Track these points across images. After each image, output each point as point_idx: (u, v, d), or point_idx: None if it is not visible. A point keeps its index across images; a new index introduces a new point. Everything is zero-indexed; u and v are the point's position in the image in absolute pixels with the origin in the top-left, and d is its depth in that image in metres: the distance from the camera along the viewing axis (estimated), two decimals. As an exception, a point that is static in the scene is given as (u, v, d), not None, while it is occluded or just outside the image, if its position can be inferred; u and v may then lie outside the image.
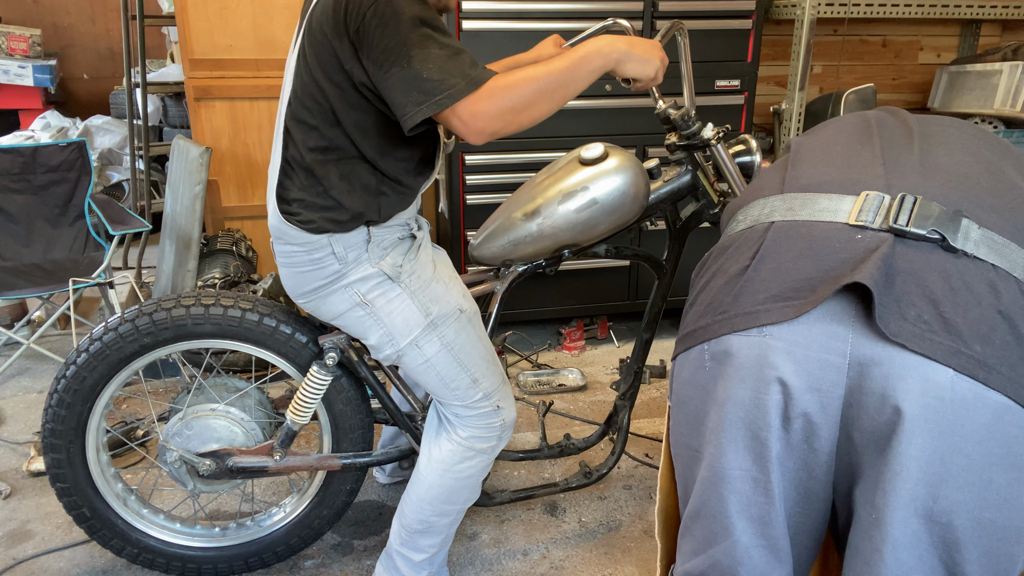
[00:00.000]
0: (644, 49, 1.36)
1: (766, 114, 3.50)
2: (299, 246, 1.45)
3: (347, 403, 1.73)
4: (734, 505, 0.93)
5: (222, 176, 3.32)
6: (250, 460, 1.72)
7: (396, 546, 1.68)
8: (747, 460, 0.92)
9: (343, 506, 1.85)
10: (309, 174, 1.41)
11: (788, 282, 0.88)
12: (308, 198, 1.41)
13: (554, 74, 1.29)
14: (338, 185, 1.41)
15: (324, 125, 1.37)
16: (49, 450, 1.66)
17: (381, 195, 1.44)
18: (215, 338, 1.65)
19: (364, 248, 1.46)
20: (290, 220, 1.43)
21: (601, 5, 2.75)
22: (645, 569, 1.92)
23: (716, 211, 1.79)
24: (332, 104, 1.35)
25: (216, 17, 3.10)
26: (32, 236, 3.00)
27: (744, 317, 0.89)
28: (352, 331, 1.55)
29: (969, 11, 3.17)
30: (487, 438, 1.59)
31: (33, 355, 2.97)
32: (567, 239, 1.70)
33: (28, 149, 2.92)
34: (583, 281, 3.10)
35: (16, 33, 4.43)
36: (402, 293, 1.49)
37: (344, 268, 1.46)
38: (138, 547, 1.78)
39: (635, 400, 1.98)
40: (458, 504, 1.64)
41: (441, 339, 1.52)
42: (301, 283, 1.50)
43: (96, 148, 4.37)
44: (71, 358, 1.62)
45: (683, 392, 0.99)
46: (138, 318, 1.61)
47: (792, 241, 0.90)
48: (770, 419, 0.89)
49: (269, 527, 1.84)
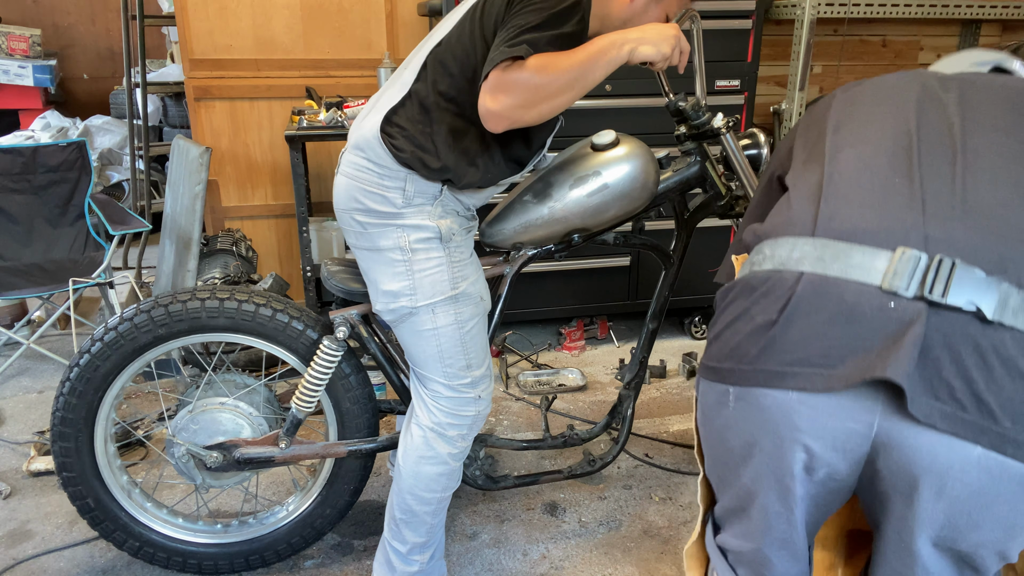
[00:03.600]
0: (655, 32, 1.39)
1: (766, 114, 3.50)
2: (377, 166, 1.47)
3: (350, 391, 1.75)
4: (770, 538, 1.01)
5: (222, 176, 3.32)
6: (256, 450, 1.74)
7: (387, 537, 1.70)
8: (772, 498, 0.96)
9: (346, 506, 1.86)
10: (425, 112, 1.44)
11: (817, 347, 0.86)
12: (412, 130, 1.44)
13: (574, 66, 1.31)
14: (444, 134, 1.44)
15: (462, 77, 1.41)
16: (58, 438, 1.67)
17: (474, 165, 1.47)
18: (228, 332, 1.67)
19: (432, 200, 1.49)
20: (386, 140, 1.45)
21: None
22: (645, 569, 1.92)
23: (723, 203, 1.80)
24: (478, 62, 1.40)
25: (216, 17, 3.10)
26: (32, 236, 3.00)
27: (770, 375, 0.89)
28: (376, 271, 1.54)
29: (969, 11, 3.17)
30: (458, 425, 1.60)
31: (33, 355, 2.97)
32: (577, 223, 1.72)
33: (28, 149, 2.92)
34: (583, 281, 3.10)
35: (16, 33, 4.43)
36: (442, 256, 1.51)
37: (405, 208, 1.48)
38: (140, 541, 1.79)
39: (640, 390, 1.98)
40: (436, 491, 1.64)
41: (457, 314, 1.54)
42: (357, 196, 1.50)
43: (96, 148, 4.37)
44: (85, 347, 1.64)
45: (709, 412, 1.02)
46: (154, 309, 1.63)
47: (822, 301, 0.86)
48: (795, 471, 0.92)
49: (271, 525, 1.85)
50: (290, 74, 3.23)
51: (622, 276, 3.13)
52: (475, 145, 1.46)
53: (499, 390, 2.82)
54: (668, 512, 2.14)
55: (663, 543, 2.02)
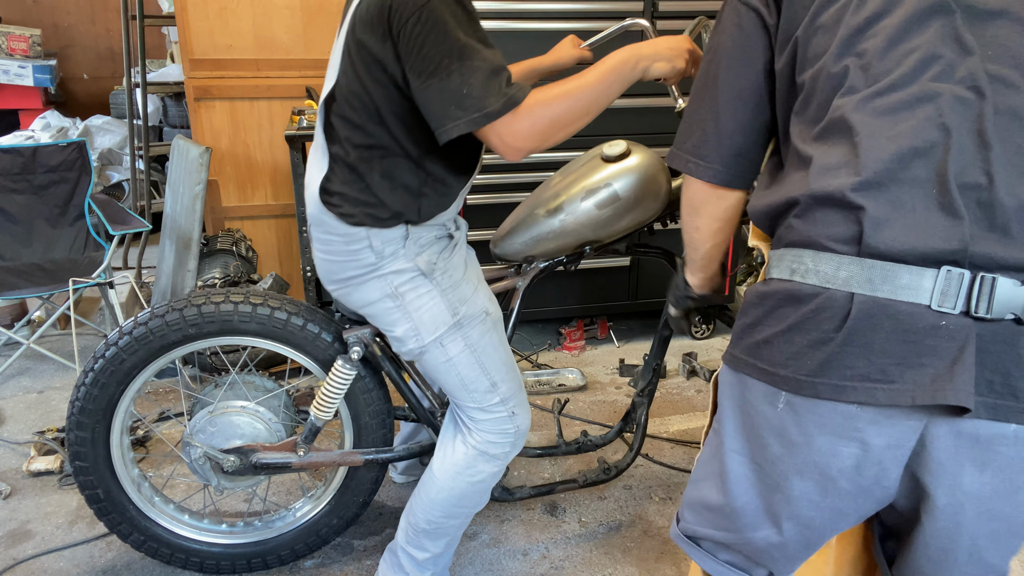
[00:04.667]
0: (668, 47, 1.38)
1: (766, 114, 3.50)
2: (338, 236, 1.46)
3: (369, 399, 1.75)
4: (786, 512, 1.06)
5: (222, 176, 3.32)
6: (274, 456, 1.74)
7: (402, 543, 1.69)
8: (811, 489, 1.03)
9: (353, 516, 1.86)
10: (352, 170, 1.41)
11: (877, 365, 0.93)
12: (350, 193, 1.42)
13: (588, 88, 1.30)
14: (380, 183, 1.41)
15: (369, 123, 1.37)
16: (75, 427, 1.68)
17: (422, 196, 1.45)
18: (257, 336, 1.67)
19: (401, 244, 1.47)
20: (331, 210, 1.43)
21: (602, 5, 2.75)
22: (645, 569, 1.92)
23: None
24: (377, 103, 1.35)
25: (216, 17, 3.10)
26: (32, 236, 3.00)
27: (832, 388, 0.95)
28: (379, 322, 1.55)
29: (969, 11, 3.17)
30: (501, 444, 1.59)
31: (33, 355, 2.97)
32: (589, 235, 1.72)
33: (28, 149, 2.92)
34: (583, 281, 3.10)
35: (16, 33, 4.43)
36: (432, 290, 1.50)
37: (380, 261, 1.47)
38: (145, 534, 1.79)
39: (653, 397, 1.98)
40: (467, 507, 1.64)
41: (465, 339, 1.52)
42: (336, 271, 1.51)
43: (96, 148, 4.37)
44: (113, 339, 1.64)
45: (745, 405, 1.07)
46: (186, 308, 1.63)
47: (878, 321, 0.92)
48: (844, 466, 0.99)
49: (278, 530, 1.85)
50: (290, 74, 3.23)
51: (622, 276, 3.13)
52: (414, 178, 1.43)
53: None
54: (668, 512, 2.14)
55: (663, 543, 2.02)
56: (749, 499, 1.10)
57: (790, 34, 1.07)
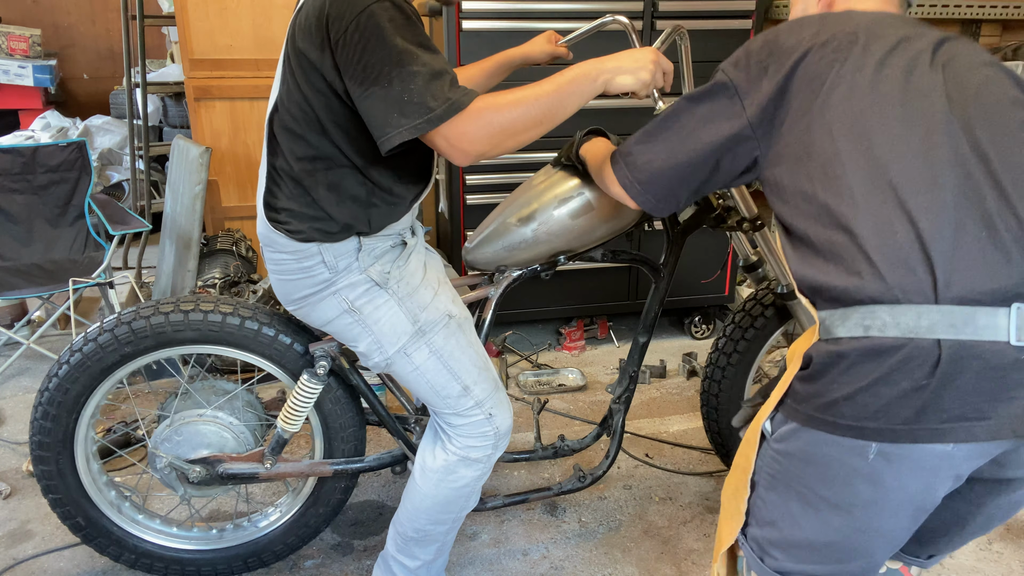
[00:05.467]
0: (632, 59, 1.34)
1: (766, 114, 3.50)
2: (288, 254, 1.43)
3: (338, 408, 1.73)
4: (882, 548, 1.14)
5: (222, 176, 3.32)
6: (240, 467, 1.72)
7: (393, 552, 1.67)
8: (905, 522, 1.10)
9: (339, 503, 1.85)
10: (297, 184, 1.38)
11: (971, 404, 1.00)
12: (296, 208, 1.39)
13: (542, 98, 1.26)
14: (326, 196, 1.38)
15: (311, 133, 1.34)
16: (39, 462, 1.65)
17: (371, 206, 1.41)
18: (198, 344, 1.63)
19: (355, 256, 1.44)
20: (279, 228, 1.41)
21: (602, 5, 2.75)
22: (645, 569, 1.92)
23: (714, 215, 1.78)
24: (317, 112, 1.32)
25: (216, 17, 3.10)
26: (32, 236, 3.00)
27: (931, 433, 1.00)
28: (342, 338, 1.53)
29: (969, 11, 3.17)
30: (481, 447, 1.56)
31: (33, 355, 2.97)
32: (562, 245, 1.69)
33: (28, 149, 2.92)
34: (583, 281, 3.10)
35: (16, 33, 4.43)
36: (389, 300, 1.46)
37: (334, 276, 1.44)
38: (135, 552, 1.78)
39: (630, 404, 1.96)
40: (454, 513, 1.61)
41: (430, 346, 1.49)
42: (291, 290, 1.48)
43: (96, 148, 4.37)
44: (52, 370, 1.60)
45: (813, 459, 1.11)
46: (117, 327, 1.59)
47: (966, 363, 0.99)
48: (939, 496, 1.07)
49: (266, 527, 1.84)
50: (290, 74, 3.23)
51: (622, 276, 3.13)
52: (361, 189, 1.39)
53: (499, 390, 2.82)
54: (668, 512, 2.14)
55: (663, 543, 2.02)
56: (842, 537, 1.14)
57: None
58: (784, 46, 1.15)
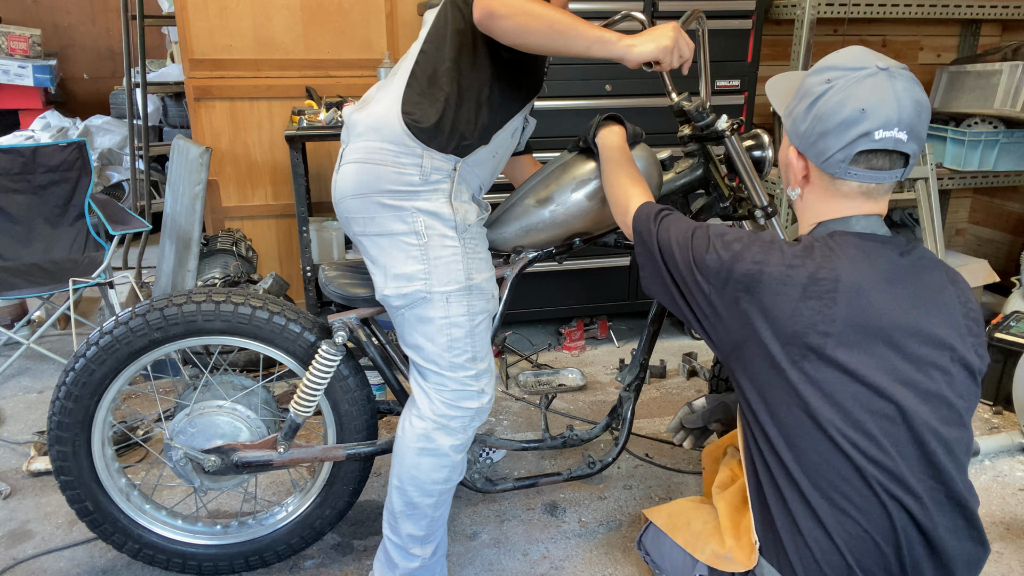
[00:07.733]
0: (650, 32, 1.41)
1: (766, 114, 3.50)
2: (393, 144, 1.49)
3: (349, 394, 1.74)
4: None
5: (222, 176, 3.32)
6: (255, 454, 1.73)
7: (387, 533, 1.68)
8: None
9: (346, 506, 1.86)
10: (432, 83, 1.50)
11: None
12: (424, 103, 1.49)
13: (567, 21, 1.36)
14: (455, 96, 1.49)
15: (452, 48, 1.49)
16: (55, 442, 1.67)
17: (480, 108, 1.51)
18: (224, 335, 1.66)
19: (447, 178, 1.52)
20: (405, 119, 1.49)
21: (602, 5, 2.75)
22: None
23: (726, 204, 1.79)
24: (449, 22, 1.49)
25: (216, 17, 3.10)
26: (32, 236, 3.00)
27: None
28: (386, 255, 1.54)
29: (969, 11, 3.17)
30: (460, 418, 1.59)
31: (33, 355, 2.97)
32: (579, 227, 1.72)
33: (28, 149, 2.92)
34: (583, 281, 3.10)
35: (16, 33, 4.43)
36: (458, 247, 1.53)
37: (421, 187, 1.49)
38: (139, 543, 1.79)
39: (640, 392, 1.97)
40: (439, 483, 1.62)
41: (469, 307, 1.55)
42: (369, 182, 1.51)
43: (96, 148, 4.38)
44: (80, 350, 1.63)
45: None
46: (149, 312, 1.63)
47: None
48: None
49: (271, 526, 1.85)
50: (290, 74, 3.23)
51: (622, 276, 3.13)
52: (483, 90, 1.52)
53: (499, 390, 2.82)
54: (668, 512, 2.14)
55: (663, 543, 2.02)
56: None
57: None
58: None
